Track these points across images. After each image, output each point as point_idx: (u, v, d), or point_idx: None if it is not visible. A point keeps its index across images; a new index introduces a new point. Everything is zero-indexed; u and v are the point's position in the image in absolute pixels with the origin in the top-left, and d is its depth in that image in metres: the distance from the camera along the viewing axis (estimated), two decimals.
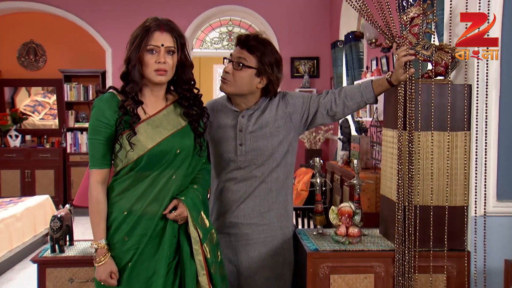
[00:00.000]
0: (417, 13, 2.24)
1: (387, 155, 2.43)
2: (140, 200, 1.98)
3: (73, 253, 3.22)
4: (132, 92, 1.97)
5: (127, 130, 1.95)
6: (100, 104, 1.98)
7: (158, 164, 1.99)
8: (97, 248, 1.97)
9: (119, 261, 1.98)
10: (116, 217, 1.99)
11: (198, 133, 2.10)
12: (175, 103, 2.10)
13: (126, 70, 1.99)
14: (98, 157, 1.99)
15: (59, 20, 7.49)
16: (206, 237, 2.07)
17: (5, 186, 7.35)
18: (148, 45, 1.95)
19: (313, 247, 2.28)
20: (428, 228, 2.20)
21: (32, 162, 7.39)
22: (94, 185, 1.99)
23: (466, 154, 2.20)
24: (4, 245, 4.65)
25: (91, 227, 2.01)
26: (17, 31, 7.73)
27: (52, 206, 5.80)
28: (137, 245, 1.97)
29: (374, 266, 2.23)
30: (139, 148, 1.95)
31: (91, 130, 1.98)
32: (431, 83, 2.21)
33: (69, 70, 7.51)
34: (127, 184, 1.99)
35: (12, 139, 7.54)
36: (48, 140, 7.78)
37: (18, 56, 7.77)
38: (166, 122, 2.04)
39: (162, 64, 1.96)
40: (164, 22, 1.99)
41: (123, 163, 1.99)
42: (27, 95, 8.10)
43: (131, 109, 1.96)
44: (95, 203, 1.99)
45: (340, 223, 2.36)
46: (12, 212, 4.98)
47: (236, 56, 2.31)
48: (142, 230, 1.97)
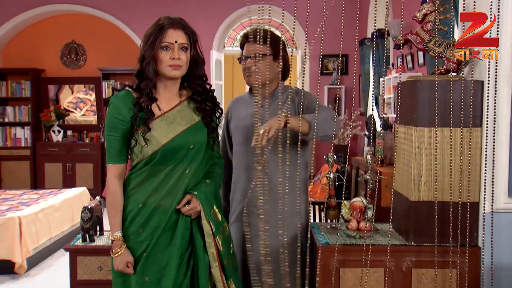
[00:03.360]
0: (430, 10, 2.19)
1: (400, 151, 2.39)
2: (155, 194, 2.00)
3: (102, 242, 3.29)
4: (146, 88, 1.99)
5: (142, 126, 1.97)
6: (116, 101, 2.01)
7: (172, 158, 2.00)
8: (113, 240, 2.01)
9: (134, 252, 2.01)
10: (132, 209, 2.02)
11: (211, 128, 2.11)
12: (188, 99, 2.11)
13: (140, 68, 2.01)
14: (114, 153, 2.02)
15: (98, 21, 7.66)
16: (219, 230, 2.08)
17: (49, 178, 7.58)
18: (162, 42, 1.96)
19: (324, 241, 2.27)
20: (439, 223, 2.15)
21: (73, 156, 7.60)
22: (111, 179, 2.03)
23: (476, 151, 2.14)
24: (44, 233, 4.81)
25: (108, 219, 2.04)
26: (60, 32, 7.93)
27: (89, 198, 5.95)
28: (151, 236, 1.99)
29: (384, 260, 2.20)
30: (153, 144, 1.97)
31: (107, 126, 2.01)
32: (443, 80, 2.16)
33: (107, 68, 7.66)
34: (142, 177, 2.02)
35: (55, 134, 7.76)
36: (87, 135, 7.97)
37: (61, 55, 7.97)
38: (180, 117, 2.05)
39: (176, 60, 1.97)
40: (177, 20, 2.01)
41: (139, 158, 2.01)
42: (70, 92, 8.32)
43: (146, 106, 1.98)
44: (112, 196, 2.02)
45: (352, 217, 2.33)
46: (51, 202, 5.14)
47: (252, 51, 2.46)
48: (156, 223, 2.00)
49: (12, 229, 4.37)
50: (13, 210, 4.72)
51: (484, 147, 2.12)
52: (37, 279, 4.42)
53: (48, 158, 7.58)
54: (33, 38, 7.91)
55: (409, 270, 2.19)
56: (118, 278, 2.04)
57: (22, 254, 4.39)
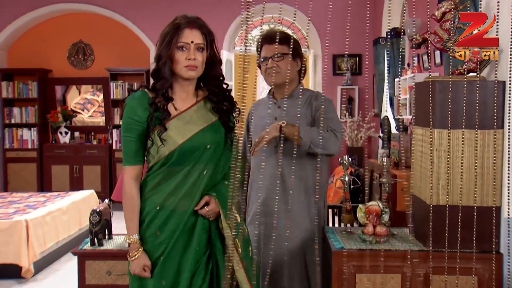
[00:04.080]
0: (449, 8, 2.18)
1: (417, 153, 2.37)
2: (173, 195, 2.01)
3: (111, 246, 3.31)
4: (162, 88, 2.01)
5: (158, 126, 1.98)
6: (131, 102, 2.03)
7: (189, 159, 2.01)
8: (130, 243, 2.02)
9: (151, 255, 2.02)
10: (149, 212, 2.03)
11: (229, 127, 2.12)
12: (205, 99, 2.12)
13: (157, 68, 2.03)
14: (131, 154, 2.03)
15: (105, 20, 7.70)
16: (238, 232, 2.08)
17: (56, 181, 7.64)
18: (178, 42, 1.98)
19: (339, 246, 2.26)
20: (457, 229, 2.14)
21: (80, 158, 7.65)
22: (127, 181, 2.04)
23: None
24: (51, 237, 4.85)
25: (125, 222, 2.05)
26: (67, 32, 7.99)
27: (97, 201, 5.98)
28: (169, 239, 2.00)
29: (401, 266, 2.19)
30: (170, 144, 1.98)
31: (123, 127, 2.03)
32: (462, 80, 2.14)
33: (115, 68, 7.70)
34: (159, 179, 2.03)
35: (62, 136, 7.83)
36: (95, 136, 8.01)
37: (68, 55, 8.03)
38: (197, 117, 2.06)
39: (192, 60, 1.98)
40: (193, 19, 2.02)
41: (155, 159, 2.02)
42: (78, 93, 8.38)
43: (162, 106, 1.99)
44: (129, 199, 2.04)
45: (368, 222, 2.33)
46: (58, 205, 5.18)
47: (272, 52, 2.60)
48: (174, 225, 2.00)
49: (19, 233, 4.41)
50: (20, 213, 4.76)
51: (507, 150, 2.10)
52: (44, 283, 4.45)
53: (55, 160, 7.65)
54: (39, 38, 7.98)
55: (427, 276, 2.17)
56: (135, 282, 2.05)
57: (29, 258, 4.43)
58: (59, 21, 7.97)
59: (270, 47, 2.62)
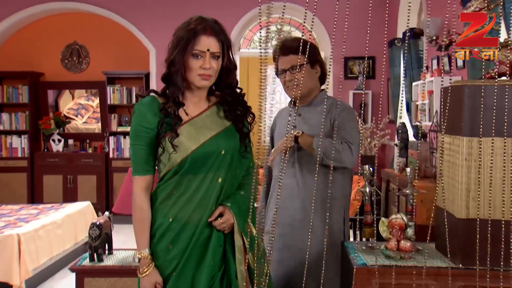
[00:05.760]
0: (479, 7, 2.18)
1: (445, 163, 2.36)
2: (186, 206, 2.01)
3: (112, 262, 3.31)
4: (173, 95, 2.02)
5: (169, 132, 1.99)
6: (140, 108, 2.04)
7: (203, 166, 2.01)
8: (141, 258, 2.02)
9: (163, 271, 2.02)
10: (161, 224, 2.02)
11: (243, 133, 2.12)
12: (217, 104, 2.13)
13: (168, 73, 2.03)
14: (140, 163, 2.04)
15: (102, 20, 7.73)
16: (252, 247, 2.08)
17: (48, 192, 7.64)
18: (193, 50, 1.98)
19: (361, 262, 2.25)
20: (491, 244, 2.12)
21: (75, 167, 7.65)
22: (137, 192, 2.04)
23: None
24: (44, 252, 4.83)
25: (135, 236, 2.06)
26: (61, 32, 8.01)
27: (94, 213, 5.97)
28: (182, 254, 2.00)
29: (429, 284, 2.17)
30: (182, 150, 1.99)
31: (132, 135, 2.04)
32: (494, 84, 2.13)
33: (112, 72, 7.71)
34: (171, 189, 2.03)
35: (55, 144, 7.82)
36: (90, 144, 8.01)
37: (61, 58, 8.06)
38: (210, 122, 2.07)
39: (207, 70, 1.99)
40: (210, 25, 2.01)
41: (167, 167, 2.03)
42: (71, 98, 8.39)
43: (172, 111, 2.00)
44: (139, 211, 2.04)
45: (391, 236, 2.31)
46: (52, 218, 5.17)
47: (288, 64, 2.68)
48: (187, 238, 2.00)
49: (10, 248, 4.38)
50: (11, 226, 4.76)
51: None
52: None
53: (47, 169, 7.65)
54: (31, 39, 8.00)
55: None
56: None
57: (21, 275, 4.40)
58: (52, 21, 8.00)
59: (286, 59, 2.68)
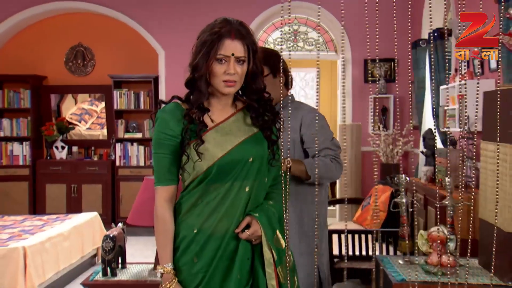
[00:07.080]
0: None
1: (487, 172, 2.35)
2: (211, 216, 2.00)
3: (126, 277, 3.30)
4: (198, 101, 2.02)
5: (194, 139, 1.99)
6: (163, 115, 2.04)
7: (230, 174, 2.01)
8: (163, 273, 2.01)
9: (187, 286, 2.01)
10: (186, 236, 2.02)
11: (272, 140, 2.12)
12: (244, 109, 2.14)
13: (192, 78, 2.04)
14: (163, 173, 2.04)
15: (108, 21, 7.75)
16: (282, 260, 2.06)
17: (50, 202, 7.62)
18: (217, 54, 1.98)
19: (400, 278, 2.24)
20: None
21: (79, 176, 7.64)
22: (159, 203, 2.04)
23: None
24: (51, 266, 4.82)
25: (157, 249, 2.06)
26: (65, 33, 8.02)
27: (101, 225, 5.98)
28: (207, 267, 1.99)
29: None
30: (207, 158, 1.99)
31: (155, 144, 2.05)
32: None
33: (119, 75, 7.72)
34: (196, 198, 2.03)
35: (58, 151, 7.82)
36: (96, 151, 8.01)
37: (65, 60, 8.07)
38: (236, 129, 2.07)
39: (232, 75, 1.99)
40: (235, 27, 2.01)
41: (192, 176, 2.03)
42: (74, 102, 8.39)
43: (197, 117, 2.00)
44: (161, 223, 2.04)
45: (431, 250, 2.30)
46: (59, 230, 5.18)
47: None
48: (212, 251, 2.00)
49: (15, 262, 4.38)
50: (16, 239, 4.77)
51: None
52: None
53: (50, 178, 7.65)
54: (33, 41, 8.03)
55: None
56: None
57: None
58: (56, 22, 8.02)
59: None
